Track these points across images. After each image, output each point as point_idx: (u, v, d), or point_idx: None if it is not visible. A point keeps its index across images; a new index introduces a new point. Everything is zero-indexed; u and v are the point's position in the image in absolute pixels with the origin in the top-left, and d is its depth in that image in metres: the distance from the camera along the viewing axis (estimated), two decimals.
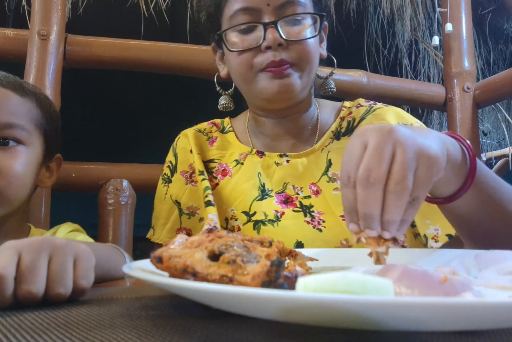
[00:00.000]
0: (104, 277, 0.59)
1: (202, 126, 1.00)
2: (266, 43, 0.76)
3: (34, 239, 0.45)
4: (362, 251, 0.64)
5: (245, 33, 0.79)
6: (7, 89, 0.76)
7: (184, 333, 0.30)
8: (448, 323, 0.26)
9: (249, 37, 0.79)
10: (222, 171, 0.91)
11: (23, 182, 0.76)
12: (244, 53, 0.79)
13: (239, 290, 0.27)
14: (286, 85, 0.78)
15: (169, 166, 0.97)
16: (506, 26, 2.48)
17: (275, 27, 0.76)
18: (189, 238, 0.40)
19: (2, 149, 0.74)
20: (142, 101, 3.14)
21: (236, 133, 0.96)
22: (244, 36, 0.79)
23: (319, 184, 0.85)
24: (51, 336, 0.30)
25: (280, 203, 0.85)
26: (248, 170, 0.89)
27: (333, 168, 0.86)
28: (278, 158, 0.89)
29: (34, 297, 0.40)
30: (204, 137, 0.97)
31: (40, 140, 0.80)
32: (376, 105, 0.90)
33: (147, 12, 1.62)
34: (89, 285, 0.44)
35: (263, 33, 0.77)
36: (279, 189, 0.87)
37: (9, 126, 0.74)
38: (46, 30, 1.17)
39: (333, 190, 0.84)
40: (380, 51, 2.29)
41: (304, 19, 0.80)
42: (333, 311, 0.25)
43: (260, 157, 0.90)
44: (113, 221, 1.21)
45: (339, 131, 0.89)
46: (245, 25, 0.79)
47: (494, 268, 0.43)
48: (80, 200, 3.20)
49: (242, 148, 0.92)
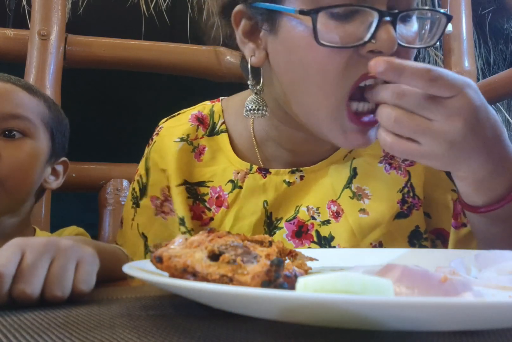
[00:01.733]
0: (110, 277, 0.59)
1: (184, 129, 0.74)
2: (378, 46, 0.50)
3: (40, 239, 0.45)
4: (362, 251, 0.64)
5: (341, 19, 0.52)
6: (17, 87, 0.77)
7: (184, 333, 0.30)
8: (448, 323, 0.26)
9: (347, 24, 0.52)
10: (217, 200, 0.70)
11: (26, 173, 0.76)
12: (339, 52, 0.52)
13: (239, 290, 0.27)
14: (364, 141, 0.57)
15: (139, 181, 0.76)
16: (506, 26, 2.48)
17: (393, 23, 0.51)
18: (189, 238, 0.40)
19: (8, 141, 0.73)
20: (142, 101, 3.14)
21: (231, 133, 0.73)
22: (338, 23, 0.52)
23: (339, 201, 0.67)
24: (51, 336, 0.30)
25: (292, 238, 0.67)
26: (249, 198, 0.69)
27: (358, 179, 0.68)
28: (289, 176, 0.69)
29: (29, 298, 0.40)
30: (189, 148, 0.73)
31: (47, 136, 0.80)
32: None
33: (147, 12, 1.63)
34: (88, 290, 0.44)
35: (374, 26, 0.50)
36: (290, 215, 0.68)
37: (16, 117, 0.74)
38: (46, 30, 1.17)
39: (359, 213, 0.66)
40: None
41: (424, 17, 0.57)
42: (333, 311, 0.25)
43: (264, 176, 0.69)
44: (113, 221, 1.21)
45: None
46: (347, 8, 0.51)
47: (494, 268, 0.43)
48: (80, 200, 3.21)
49: (238, 164, 0.70)
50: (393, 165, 0.68)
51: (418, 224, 0.67)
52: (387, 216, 0.66)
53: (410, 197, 0.67)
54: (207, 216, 0.71)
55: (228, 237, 0.39)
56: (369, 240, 0.65)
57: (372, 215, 0.66)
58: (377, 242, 0.66)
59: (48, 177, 0.84)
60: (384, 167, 0.68)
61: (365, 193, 0.67)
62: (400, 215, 0.67)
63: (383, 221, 0.66)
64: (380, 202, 0.66)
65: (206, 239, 0.39)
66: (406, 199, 0.67)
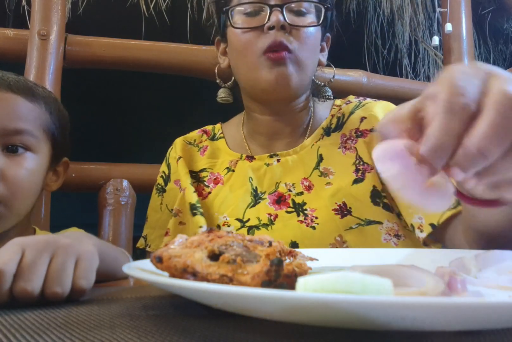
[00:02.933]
0: (111, 277, 0.60)
1: (193, 136, 1.00)
2: (270, 23, 0.78)
3: (40, 237, 0.46)
4: (362, 251, 0.64)
5: (251, 16, 0.82)
6: (17, 95, 0.75)
7: (184, 333, 0.30)
8: (448, 323, 0.26)
9: (254, 19, 0.81)
10: (214, 179, 0.92)
11: (29, 191, 0.76)
12: (247, 33, 0.81)
13: (239, 290, 0.27)
14: (283, 74, 0.79)
15: (163, 176, 0.98)
16: (506, 26, 2.48)
17: (281, 10, 0.79)
18: (189, 238, 0.40)
19: (10, 157, 0.73)
20: (142, 101, 3.14)
21: (226, 139, 0.97)
22: (249, 19, 0.82)
23: (310, 179, 0.85)
24: (51, 336, 0.30)
25: (273, 204, 0.85)
26: (239, 176, 0.89)
27: (324, 163, 0.86)
28: (268, 159, 0.89)
29: (29, 295, 0.41)
30: (195, 148, 0.98)
31: (48, 146, 0.80)
32: (365, 101, 0.91)
33: (147, 12, 1.62)
34: (88, 286, 0.45)
35: (268, 14, 0.79)
36: (272, 190, 0.86)
37: (18, 133, 0.73)
38: (46, 30, 1.17)
39: (325, 185, 0.84)
40: (380, 51, 2.29)
41: (308, 12, 0.83)
42: (333, 311, 0.25)
43: (250, 161, 0.90)
44: (113, 221, 1.21)
45: (329, 127, 0.90)
46: (251, 6, 0.81)
47: (494, 268, 0.43)
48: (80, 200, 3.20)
49: (232, 155, 0.93)
50: (346, 147, 0.87)
51: (374, 185, 0.82)
52: (345, 183, 0.83)
53: (361, 165, 0.84)
54: (206, 192, 0.92)
55: (228, 237, 0.39)
56: (334, 200, 0.81)
57: (335, 185, 0.83)
58: (341, 202, 0.81)
59: (49, 179, 0.84)
60: (341, 151, 0.87)
61: (330, 171, 0.86)
62: (357, 181, 0.83)
63: (342, 186, 0.82)
64: (340, 175, 0.84)
65: (206, 239, 0.39)
66: (358, 167, 0.84)
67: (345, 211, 0.80)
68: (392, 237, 0.79)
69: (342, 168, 0.85)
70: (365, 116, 0.87)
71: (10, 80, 0.76)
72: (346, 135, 0.87)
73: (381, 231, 0.79)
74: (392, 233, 0.79)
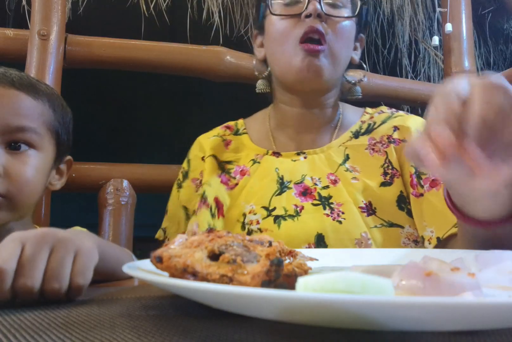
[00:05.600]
0: (113, 276, 0.59)
1: (216, 131, 1.01)
2: (307, 11, 0.82)
3: (39, 231, 0.46)
4: (362, 251, 0.64)
5: (290, 5, 0.86)
6: (20, 92, 0.74)
7: (184, 333, 0.30)
8: (448, 323, 0.26)
9: (293, 8, 0.85)
10: (241, 171, 0.93)
11: (34, 188, 0.75)
12: (285, 20, 0.85)
13: (239, 290, 0.27)
14: (315, 65, 0.82)
15: (182, 171, 1.01)
16: (506, 26, 2.48)
17: (318, 1, 0.83)
18: (189, 238, 0.40)
19: (14, 154, 0.72)
20: (142, 101, 3.14)
21: (250, 134, 0.97)
22: (288, 8, 0.86)
23: (336, 173, 0.86)
24: (51, 336, 0.30)
25: (299, 196, 0.85)
26: (265, 168, 0.90)
27: (350, 161, 0.88)
28: (295, 156, 0.90)
29: (30, 291, 0.41)
30: (219, 139, 0.98)
31: (52, 144, 0.79)
32: (397, 113, 0.94)
33: (147, 12, 1.63)
34: (85, 283, 0.44)
35: (306, 3, 0.83)
36: (298, 180, 0.87)
37: (21, 130, 0.73)
38: (46, 30, 1.17)
39: (351, 179, 0.85)
40: (380, 51, 2.29)
41: (344, 7, 0.87)
42: (333, 311, 0.25)
43: (277, 157, 0.91)
44: (113, 221, 1.20)
45: (358, 131, 0.92)
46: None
47: (494, 268, 0.43)
48: (80, 200, 3.20)
49: (257, 150, 0.94)
50: (375, 149, 0.89)
51: (401, 190, 0.85)
52: (373, 183, 0.84)
53: (390, 169, 0.86)
54: (232, 183, 0.92)
55: (228, 237, 0.39)
56: (360, 198, 0.83)
57: (362, 181, 0.85)
58: (367, 201, 0.83)
59: (53, 178, 0.84)
60: (369, 152, 0.89)
61: (356, 169, 0.87)
62: (385, 184, 0.85)
63: (370, 186, 0.84)
64: (367, 174, 0.86)
65: (206, 239, 0.39)
66: (387, 171, 0.86)
67: (370, 211, 0.82)
68: (410, 242, 0.81)
69: (368, 168, 0.87)
70: (398, 127, 0.90)
71: (13, 77, 0.75)
72: (375, 138, 0.90)
73: (401, 235, 0.81)
74: (411, 238, 0.82)
